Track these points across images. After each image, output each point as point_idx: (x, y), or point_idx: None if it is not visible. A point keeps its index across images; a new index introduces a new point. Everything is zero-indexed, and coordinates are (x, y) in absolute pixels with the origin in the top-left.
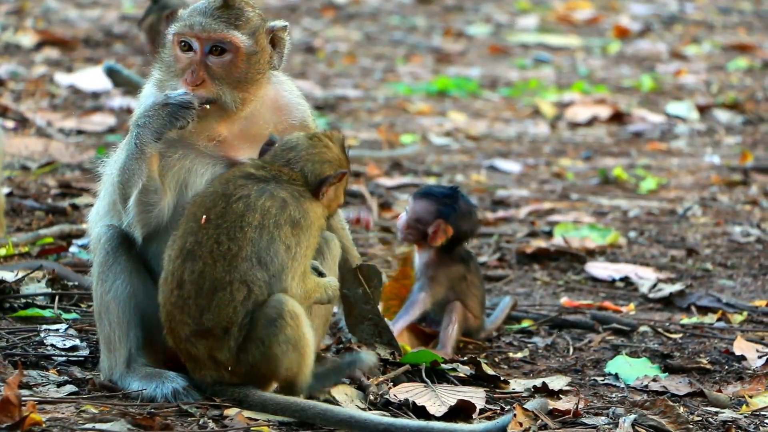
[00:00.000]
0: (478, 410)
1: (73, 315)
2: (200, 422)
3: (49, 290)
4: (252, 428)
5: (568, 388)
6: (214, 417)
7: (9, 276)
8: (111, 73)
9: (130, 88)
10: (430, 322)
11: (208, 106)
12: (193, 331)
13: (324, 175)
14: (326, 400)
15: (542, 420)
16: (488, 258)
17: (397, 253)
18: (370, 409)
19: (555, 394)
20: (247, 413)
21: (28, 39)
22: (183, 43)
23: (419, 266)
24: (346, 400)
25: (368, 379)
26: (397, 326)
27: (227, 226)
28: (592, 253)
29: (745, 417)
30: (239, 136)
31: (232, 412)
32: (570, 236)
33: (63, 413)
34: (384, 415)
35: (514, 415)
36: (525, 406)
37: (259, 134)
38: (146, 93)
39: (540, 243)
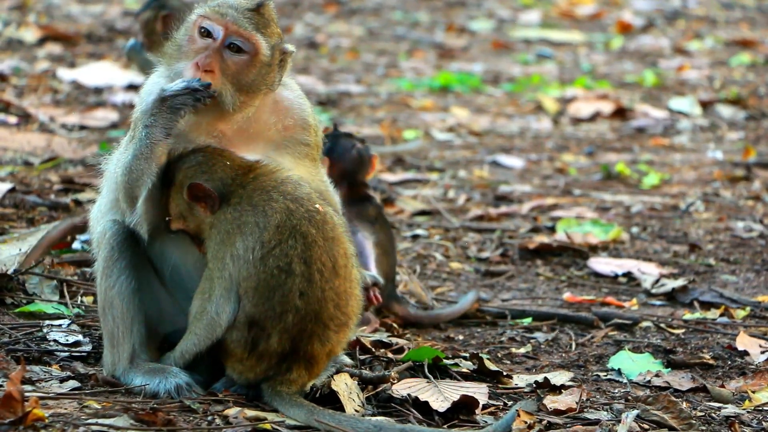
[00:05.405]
0: (481, 405)
1: (76, 310)
2: (207, 418)
3: (55, 277)
4: (258, 426)
5: (570, 383)
6: (217, 413)
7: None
8: (132, 52)
9: (146, 72)
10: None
11: (209, 100)
12: (339, 324)
13: None
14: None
15: (545, 416)
16: (491, 254)
17: None
18: (370, 405)
19: (557, 390)
20: (250, 411)
21: (30, 34)
22: (203, 29)
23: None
24: (345, 391)
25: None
26: (374, 270)
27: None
28: (594, 249)
29: (748, 412)
30: (238, 134)
31: (234, 410)
32: (573, 232)
33: (66, 409)
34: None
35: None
36: (517, 407)
37: (258, 133)
38: (148, 88)
39: (543, 238)
